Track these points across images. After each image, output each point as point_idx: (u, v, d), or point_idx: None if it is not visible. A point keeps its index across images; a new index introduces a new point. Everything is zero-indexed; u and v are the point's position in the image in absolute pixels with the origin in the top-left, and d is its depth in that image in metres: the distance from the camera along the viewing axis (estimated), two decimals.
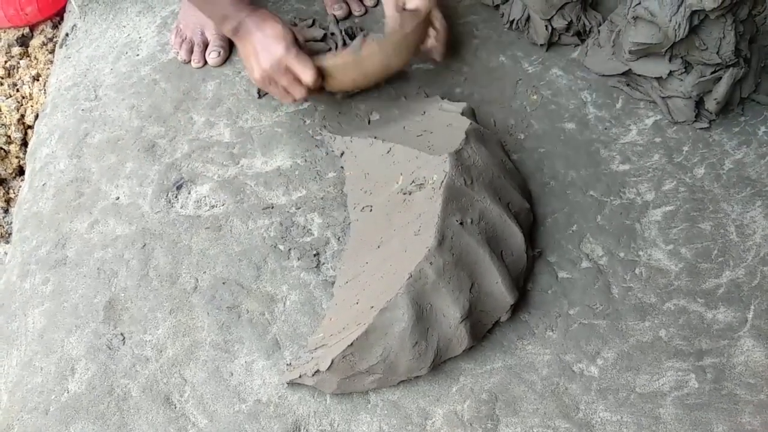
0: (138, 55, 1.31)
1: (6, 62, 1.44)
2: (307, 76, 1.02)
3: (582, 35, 1.30)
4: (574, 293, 1.00)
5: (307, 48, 1.06)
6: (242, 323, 0.97)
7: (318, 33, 1.24)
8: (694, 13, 1.06)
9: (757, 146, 1.16)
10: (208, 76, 1.25)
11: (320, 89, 1.08)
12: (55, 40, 1.48)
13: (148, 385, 0.92)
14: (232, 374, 0.93)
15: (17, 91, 1.40)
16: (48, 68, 1.43)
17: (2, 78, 1.42)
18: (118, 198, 1.10)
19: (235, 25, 1.04)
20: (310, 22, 1.29)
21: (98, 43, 1.34)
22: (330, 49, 1.23)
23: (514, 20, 1.29)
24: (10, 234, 1.25)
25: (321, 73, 1.04)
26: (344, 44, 1.25)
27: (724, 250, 1.05)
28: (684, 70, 1.14)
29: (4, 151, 1.33)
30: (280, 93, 1.07)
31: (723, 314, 0.98)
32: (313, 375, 0.88)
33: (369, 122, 1.18)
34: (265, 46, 1.02)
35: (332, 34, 1.26)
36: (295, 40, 1.03)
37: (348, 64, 1.05)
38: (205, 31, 1.28)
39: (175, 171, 1.12)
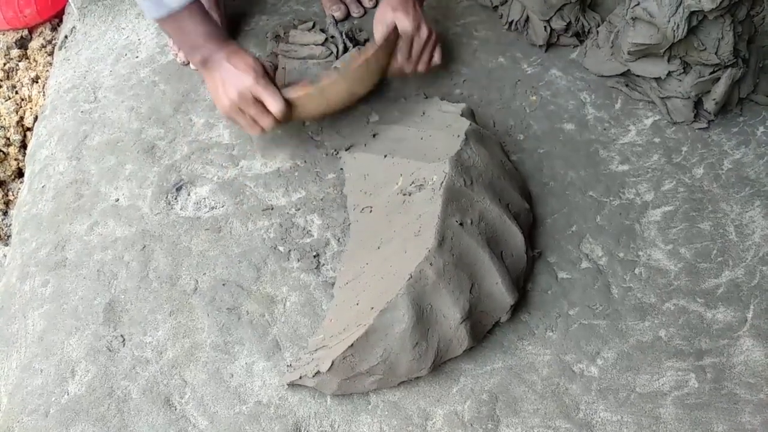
0: (137, 57, 1.31)
1: (5, 64, 1.44)
2: (276, 105, 1.01)
3: (581, 36, 1.30)
4: (574, 293, 1.00)
5: (274, 80, 1.06)
6: (242, 324, 0.97)
7: (319, 37, 1.23)
8: (692, 13, 1.06)
9: (755, 146, 1.17)
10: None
11: (287, 119, 1.06)
12: (54, 42, 1.48)
13: (149, 386, 0.92)
14: (232, 375, 0.93)
15: (16, 93, 1.40)
16: (47, 70, 1.43)
17: (1, 80, 1.41)
18: (117, 200, 1.10)
19: (205, 56, 1.04)
20: (310, 24, 1.28)
21: (97, 45, 1.34)
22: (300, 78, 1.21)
23: (513, 21, 1.30)
24: (9, 236, 1.25)
25: (288, 104, 1.03)
26: (345, 48, 1.25)
27: (724, 250, 1.05)
28: (683, 70, 1.14)
29: (3, 153, 1.33)
30: (248, 123, 1.05)
31: (722, 314, 0.99)
32: (313, 376, 0.87)
33: (368, 123, 1.18)
34: (234, 76, 1.01)
35: (332, 37, 1.25)
36: (265, 72, 1.03)
37: (311, 95, 1.04)
38: None
39: (175, 173, 1.12)
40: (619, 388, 0.92)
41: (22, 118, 1.35)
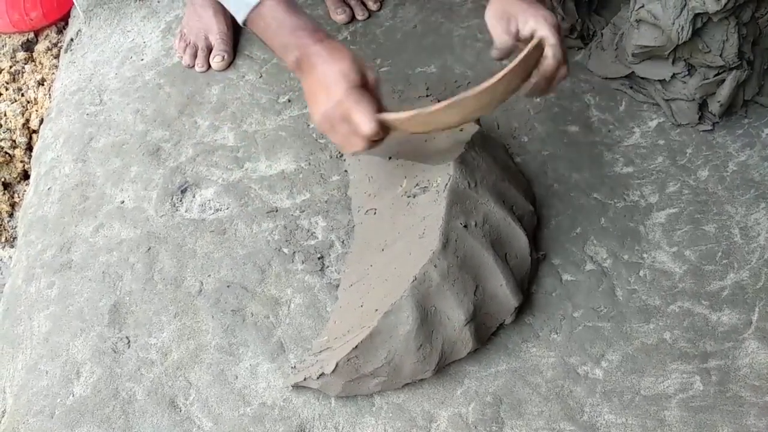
0: (142, 59, 1.31)
1: (11, 67, 1.45)
2: (366, 128, 0.83)
3: (585, 38, 1.30)
4: (579, 296, 1.00)
5: (378, 91, 0.88)
6: (247, 326, 0.97)
7: None
8: (697, 15, 1.06)
9: (760, 148, 1.16)
10: (213, 81, 1.26)
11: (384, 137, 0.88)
12: (59, 45, 1.49)
13: (153, 388, 0.92)
14: (236, 377, 0.93)
15: (22, 95, 1.40)
16: (53, 73, 1.43)
17: (7, 83, 1.42)
18: (123, 202, 1.10)
19: (297, 57, 0.87)
20: None
21: (103, 48, 1.34)
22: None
23: None
24: (15, 238, 1.25)
25: (384, 126, 0.85)
26: None
27: (729, 252, 1.04)
28: (687, 72, 1.14)
29: (9, 155, 1.34)
30: (339, 140, 0.88)
31: (727, 316, 0.98)
32: (317, 378, 0.88)
33: None
34: (326, 86, 0.85)
35: None
36: (362, 80, 0.85)
37: (414, 120, 0.84)
38: (209, 36, 1.28)
39: (180, 175, 1.13)
40: (624, 391, 0.92)
41: (27, 120, 1.36)
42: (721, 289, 1.01)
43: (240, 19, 0.89)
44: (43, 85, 1.42)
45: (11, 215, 1.34)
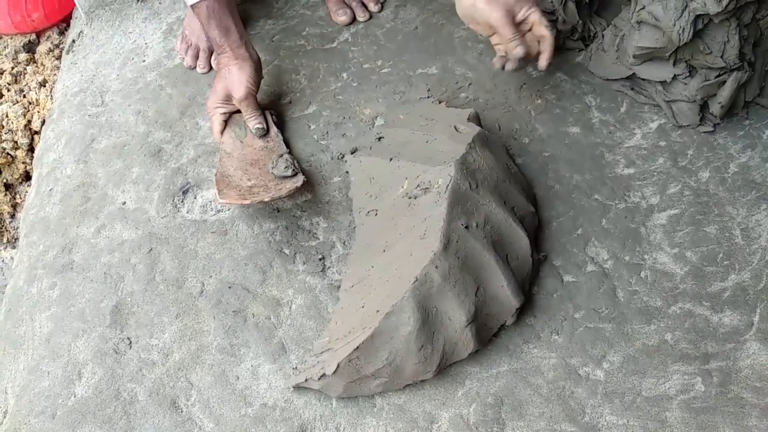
0: (144, 61, 1.31)
1: (13, 68, 1.45)
2: (215, 136, 1.15)
3: (586, 40, 1.30)
4: (580, 297, 1.00)
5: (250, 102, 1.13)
6: (248, 327, 0.97)
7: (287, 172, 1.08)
8: (698, 17, 1.06)
9: (761, 150, 1.16)
10: (214, 81, 1.26)
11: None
12: (61, 46, 1.49)
13: (155, 389, 0.92)
14: (238, 378, 0.93)
15: (24, 96, 1.41)
16: (55, 74, 1.44)
17: (9, 84, 1.42)
18: (124, 203, 1.10)
19: (218, 53, 1.13)
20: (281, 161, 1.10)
21: (105, 50, 1.35)
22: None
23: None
24: (17, 239, 1.25)
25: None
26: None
27: (730, 253, 1.04)
28: (688, 74, 1.14)
29: (11, 156, 1.34)
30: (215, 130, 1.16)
31: (729, 318, 0.98)
32: (319, 379, 0.88)
33: (373, 126, 1.19)
34: (212, 92, 1.14)
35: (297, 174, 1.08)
36: (256, 90, 1.13)
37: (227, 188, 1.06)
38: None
39: (181, 176, 1.13)
40: (625, 392, 0.92)
41: (29, 121, 1.36)
42: (722, 291, 1.01)
43: (189, 2, 1.09)
44: (44, 86, 1.42)
45: (13, 216, 1.34)
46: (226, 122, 1.15)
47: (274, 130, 1.16)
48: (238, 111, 1.15)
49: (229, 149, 1.12)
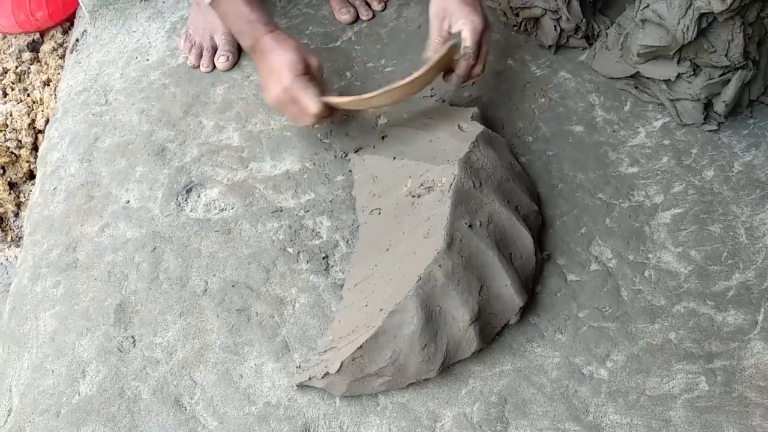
0: (148, 59, 1.32)
1: (17, 67, 1.45)
2: (312, 109, 1.01)
3: (590, 38, 1.30)
4: (583, 296, 1.00)
5: (320, 74, 1.06)
6: (252, 326, 0.97)
7: None
8: (702, 15, 1.06)
9: (766, 148, 1.16)
10: (217, 81, 1.26)
11: (327, 119, 1.08)
12: (65, 45, 1.49)
13: (159, 387, 0.92)
14: (241, 376, 0.93)
15: (28, 95, 1.41)
16: (58, 73, 1.44)
17: (13, 83, 1.43)
18: (128, 201, 1.11)
19: (251, 43, 1.05)
20: None
21: (108, 48, 1.35)
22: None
23: (522, 21, 1.30)
24: (21, 237, 1.26)
25: (328, 105, 1.03)
26: None
27: (734, 252, 1.04)
28: (692, 72, 1.14)
29: (15, 155, 1.34)
30: (292, 117, 1.07)
31: (733, 317, 0.98)
32: (322, 377, 0.88)
33: (377, 125, 1.19)
34: (276, 72, 1.02)
35: None
36: (305, 68, 1.02)
37: (352, 103, 1.04)
38: (214, 36, 1.29)
39: (185, 175, 1.13)
40: (629, 391, 0.92)
41: (33, 120, 1.37)
42: (726, 290, 1.01)
43: (206, 1, 1.03)
44: (48, 85, 1.43)
45: (17, 215, 1.34)
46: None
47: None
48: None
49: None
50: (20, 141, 1.34)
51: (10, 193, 1.34)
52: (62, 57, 1.47)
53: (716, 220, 1.08)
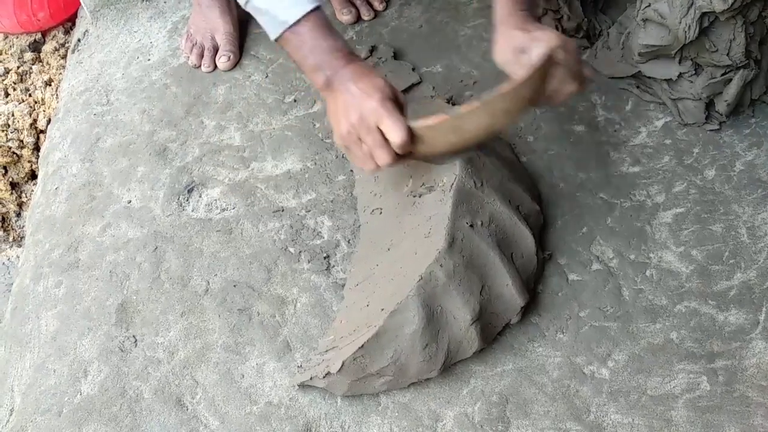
0: (149, 59, 1.32)
1: (18, 67, 1.45)
2: (398, 135, 0.83)
3: (591, 38, 1.30)
4: (585, 295, 1.00)
5: (405, 108, 0.89)
6: (253, 325, 0.97)
7: None
8: (704, 15, 1.06)
9: (767, 148, 1.16)
10: (219, 81, 1.26)
11: (408, 154, 0.89)
12: (67, 45, 1.49)
13: (160, 387, 0.92)
14: (243, 376, 0.93)
15: (30, 96, 1.41)
16: (60, 73, 1.44)
17: (15, 83, 1.43)
18: (129, 201, 1.11)
19: (328, 76, 0.89)
20: None
21: (110, 49, 1.35)
22: None
23: None
24: (23, 237, 1.26)
25: (412, 136, 0.85)
26: None
27: (736, 252, 1.04)
28: (694, 72, 1.14)
29: (17, 155, 1.35)
30: (363, 156, 0.89)
31: (735, 316, 0.98)
32: (323, 377, 0.88)
33: None
34: (358, 99, 0.86)
35: None
36: (394, 97, 0.87)
37: (444, 126, 0.84)
38: (215, 36, 1.29)
39: (186, 174, 1.13)
40: (630, 391, 0.92)
41: (35, 120, 1.37)
42: (728, 289, 1.01)
43: (273, 36, 0.90)
44: (50, 85, 1.43)
45: (19, 215, 1.35)
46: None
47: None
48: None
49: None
50: (22, 141, 1.34)
51: (11, 193, 1.34)
52: (64, 57, 1.47)
53: (718, 220, 1.07)
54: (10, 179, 1.35)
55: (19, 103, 1.38)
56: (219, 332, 0.97)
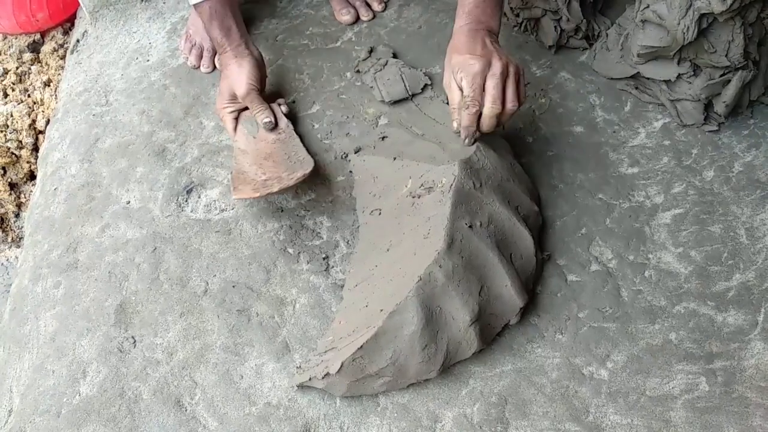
0: (148, 60, 1.32)
1: (17, 68, 1.45)
2: (263, 120, 1.13)
3: (590, 39, 1.30)
4: (584, 296, 1.00)
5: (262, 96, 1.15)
6: (252, 326, 0.97)
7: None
8: (702, 16, 1.06)
9: (766, 149, 1.16)
10: (218, 81, 1.26)
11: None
12: (66, 46, 1.49)
13: (159, 387, 0.92)
14: (242, 377, 0.93)
15: (29, 96, 1.41)
16: (59, 74, 1.44)
17: (14, 83, 1.43)
18: (128, 202, 1.11)
19: (220, 53, 1.16)
20: None
21: (109, 49, 1.35)
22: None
23: (523, 21, 1.30)
24: (21, 238, 1.26)
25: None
26: None
27: (734, 252, 1.04)
28: (693, 73, 1.14)
29: (16, 155, 1.34)
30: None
31: (733, 317, 0.98)
32: (322, 378, 0.88)
33: (377, 126, 1.19)
34: (232, 83, 1.13)
35: None
36: (259, 86, 1.14)
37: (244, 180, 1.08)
38: None
39: (185, 175, 1.13)
40: (629, 392, 0.92)
41: (34, 121, 1.37)
42: (726, 290, 1.01)
43: (192, 1, 1.12)
44: (49, 86, 1.43)
45: (18, 215, 1.35)
46: (236, 120, 1.16)
47: (284, 121, 1.16)
48: (246, 108, 1.15)
49: (242, 146, 1.13)
50: (21, 141, 1.34)
51: (10, 194, 1.34)
52: (63, 58, 1.47)
53: (716, 221, 1.08)
54: (9, 180, 1.35)
55: (18, 104, 1.37)
56: (218, 333, 0.97)
